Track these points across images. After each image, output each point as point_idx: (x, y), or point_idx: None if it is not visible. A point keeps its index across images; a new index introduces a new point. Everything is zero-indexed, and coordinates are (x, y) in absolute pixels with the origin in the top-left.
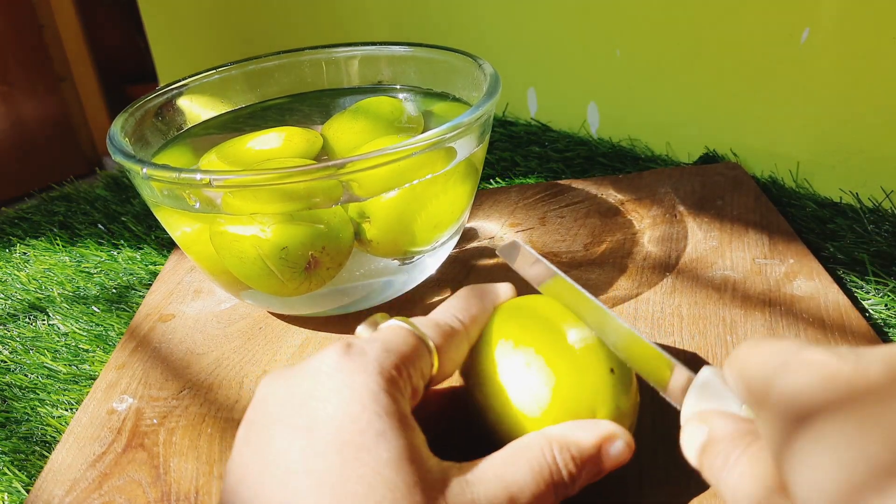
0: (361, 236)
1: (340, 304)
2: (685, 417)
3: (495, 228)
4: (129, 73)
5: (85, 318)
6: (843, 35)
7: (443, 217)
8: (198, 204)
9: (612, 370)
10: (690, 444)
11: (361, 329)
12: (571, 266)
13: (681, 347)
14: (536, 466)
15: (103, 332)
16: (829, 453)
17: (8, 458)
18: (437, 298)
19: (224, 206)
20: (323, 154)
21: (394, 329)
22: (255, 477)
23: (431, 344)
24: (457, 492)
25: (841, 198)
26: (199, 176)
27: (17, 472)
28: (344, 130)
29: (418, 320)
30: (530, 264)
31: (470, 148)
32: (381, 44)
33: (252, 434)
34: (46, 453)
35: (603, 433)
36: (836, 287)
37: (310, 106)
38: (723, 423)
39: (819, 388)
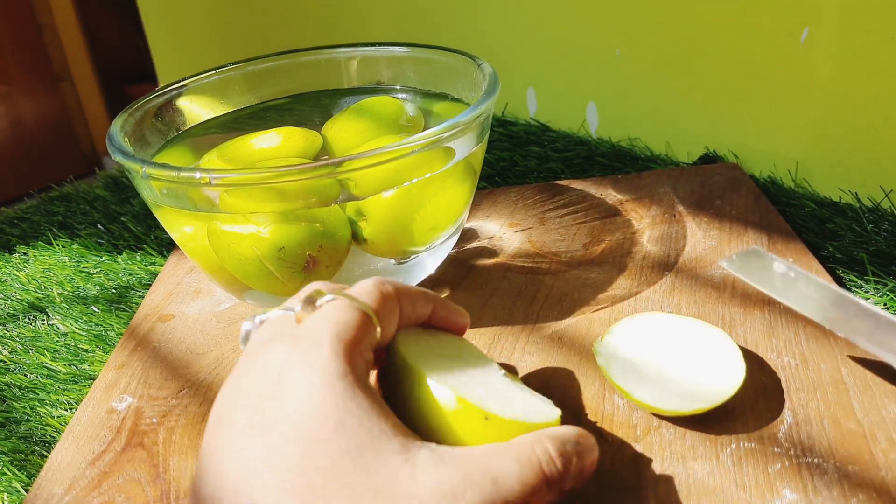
0: (358, 235)
1: None
2: None
3: (495, 228)
4: (128, 73)
5: (84, 318)
6: (842, 35)
7: (440, 218)
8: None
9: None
10: None
11: (298, 309)
12: (571, 266)
13: None
14: (530, 460)
15: (103, 332)
16: None
17: (7, 458)
18: None
19: (222, 205)
20: (323, 154)
21: (338, 307)
22: (221, 477)
23: (374, 315)
24: (428, 467)
25: (840, 197)
26: (198, 175)
27: (16, 471)
28: (345, 130)
29: (355, 289)
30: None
31: (468, 148)
32: (380, 44)
33: (215, 437)
34: (46, 453)
35: (572, 428)
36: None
37: (309, 106)
38: None
39: None
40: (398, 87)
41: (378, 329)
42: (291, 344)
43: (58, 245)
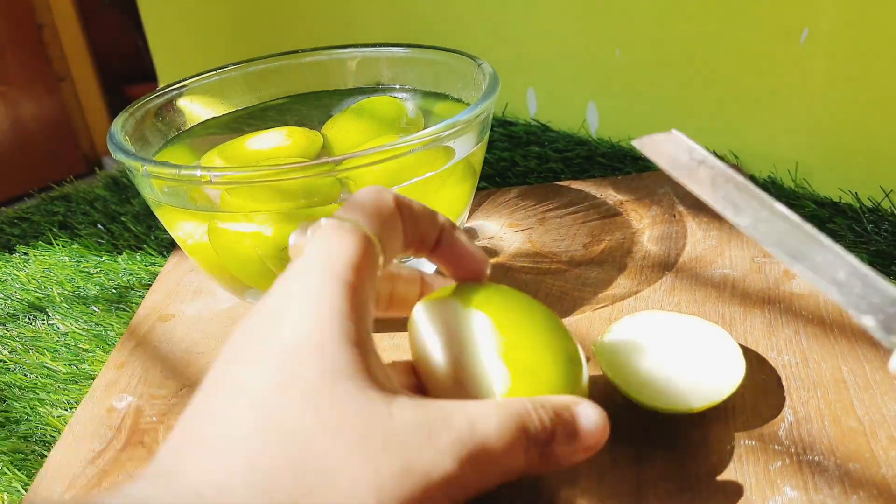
0: None
1: None
2: None
3: (495, 228)
4: (128, 73)
5: (85, 317)
6: (842, 35)
7: None
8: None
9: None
10: None
11: (293, 242)
12: (571, 265)
13: None
14: (509, 411)
15: (103, 332)
16: None
17: (7, 458)
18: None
19: (222, 204)
20: (323, 153)
21: (332, 231)
22: (210, 400)
23: (373, 233)
24: (406, 405)
25: (840, 197)
26: (199, 172)
27: (16, 471)
28: (345, 130)
29: (351, 203)
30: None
31: (468, 147)
32: (380, 45)
33: (213, 370)
34: (46, 453)
35: (576, 398)
36: None
37: (310, 107)
38: None
39: None
40: (398, 88)
41: (378, 248)
42: (290, 277)
43: (58, 245)
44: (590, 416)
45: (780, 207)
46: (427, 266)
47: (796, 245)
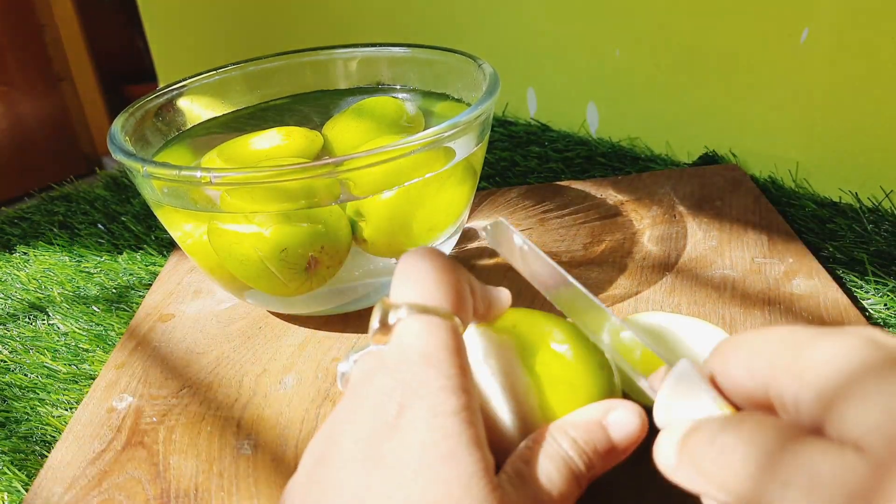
0: (358, 235)
1: (340, 303)
2: (658, 409)
3: None
4: (128, 73)
5: (85, 317)
6: (842, 35)
7: (440, 218)
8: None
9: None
10: (668, 441)
11: (375, 328)
12: (571, 265)
13: None
14: (558, 462)
15: (103, 332)
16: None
17: (8, 458)
18: None
19: (222, 205)
20: (323, 153)
21: (421, 326)
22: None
23: (454, 316)
24: (508, 493)
25: (840, 197)
26: (199, 173)
27: (16, 471)
28: (345, 130)
29: (424, 285)
30: (518, 251)
31: (468, 148)
32: (380, 45)
33: (321, 473)
34: (46, 453)
35: (606, 404)
36: (835, 286)
37: (310, 107)
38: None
39: (857, 353)
40: (398, 88)
41: (461, 331)
42: (395, 377)
43: (58, 245)
44: (621, 422)
45: (572, 279)
46: None
47: (580, 306)
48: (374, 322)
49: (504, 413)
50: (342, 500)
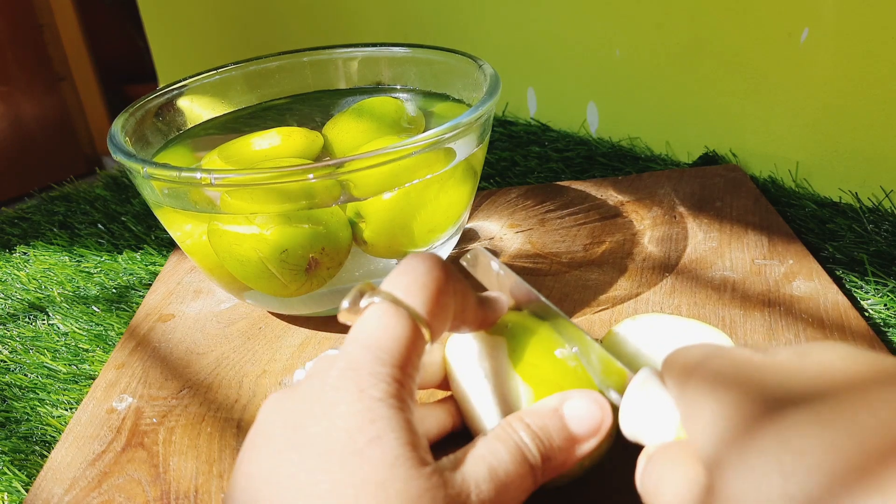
0: (358, 236)
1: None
2: (622, 421)
3: (495, 229)
4: (128, 72)
5: (85, 317)
6: (842, 35)
7: (440, 219)
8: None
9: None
10: (639, 465)
11: (345, 307)
12: (572, 267)
13: None
14: (510, 445)
15: (103, 332)
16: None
17: (8, 458)
18: None
19: (223, 205)
20: (324, 154)
21: (382, 316)
22: (250, 495)
23: (425, 324)
24: (455, 484)
25: (840, 197)
26: (199, 175)
27: (16, 471)
28: (346, 130)
29: (404, 280)
30: (496, 276)
31: (469, 149)
32: (380, 45)
33: (248, 455)
34: (46, 453)
35: (559, 396)
36: (835, 287)
37: (310, 106)
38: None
39: (732, 369)
40: (399, 88)
41: (427, 337)
42: (330, 364)
43: (58, 245)
44: (578, 411)
45: (544, 298)
46: None
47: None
48: (345, 301)
49: (493, 415)
50: (271, 491)
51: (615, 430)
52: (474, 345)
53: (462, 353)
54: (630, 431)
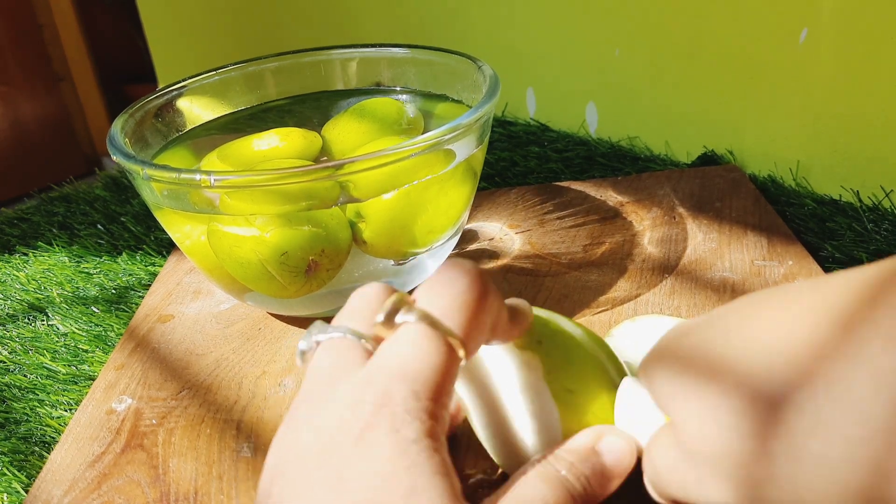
0: (358, 237)
1: (340, 304)
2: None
3: (495, 229)
4: (128, 73)
5: (84, 318)
6: (841, 35)
7: (440, 220)
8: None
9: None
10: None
11: (380, 320)
12: (571, 268)
13: None
14: (556, 485)
15: (103, 333)
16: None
17: (7, 459)
18: None
19: (222, 207)
20: (323, 155)
21: (419, 340)
22: None
23: (461, 345)
24: None
25: (840, 196)
26: (198, 176)
27: (16, 472)
28: (346, 131)
29: (443, 300)
30: None
31: (469, 150)
32: (380, 45)
33: (279, 486)
34: (45, 454)
35: (593, 431)
36: None
37: (310, 107)
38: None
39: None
40: (398, 89)
41: (462, 358)
42: (362, 393)
43: (58, 245)
44: (614, 447)
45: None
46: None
47: None
48: (381, 314)
49: (528, 437)
50: None
51: None
52: (505, 360)
53: (487, 370)
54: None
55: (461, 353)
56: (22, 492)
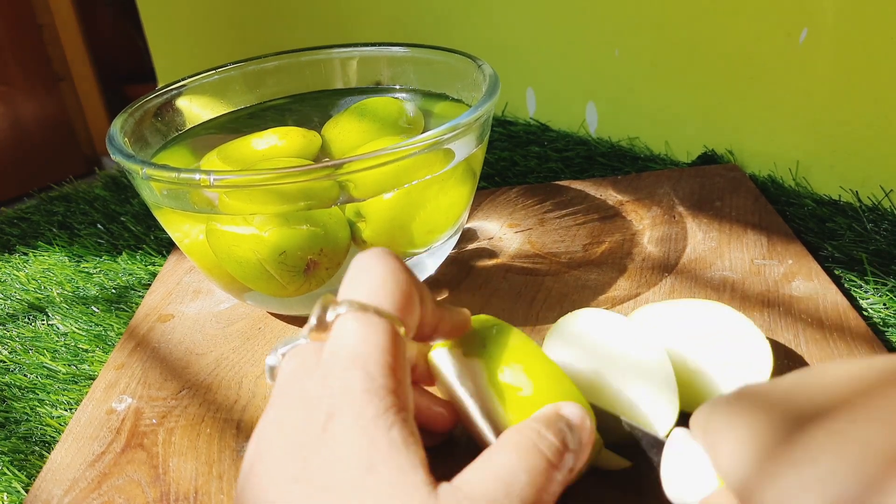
0: (357, 236)
1: None
2: (666, 484)
3: (495, 229)
4: (127, 73)
5: (84, 318)
6: (841, 35)
7: (439, 219)
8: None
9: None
10: None
11: (313, 324)
12: (571, 267)
13: None
14: (524, 446)
15: (103, 332)
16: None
17: (7, 458)
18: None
19: (221, 206)
20: (322, 154)
21: (359, 327)
22: None
23: (398, 320)
24: (449, 500)
25: (840, 196)
26: (198, 176)
27: (16, 472)
28: (346, 130)
29: (367, 286)
30: None
31: (468, 149)
32: (380, 44)
33: (249, 484)
34: (46, 453)
35: (552, 405)
36: (834, 287)
37: (309, 107)
38: None
39: (744, 402)
40: (398, 88)
41: (403, 333)
42: (322, 387)
43: (57, 245)
44: (575, 411)
45: None
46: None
47: None
48: (312, 318)
49: (488, 433)
50: None
51: (598, 439)
52: (451, 367)
53: (449, 382)
54: (675, 495)
55: (399, 327)
56: (22, 491)
